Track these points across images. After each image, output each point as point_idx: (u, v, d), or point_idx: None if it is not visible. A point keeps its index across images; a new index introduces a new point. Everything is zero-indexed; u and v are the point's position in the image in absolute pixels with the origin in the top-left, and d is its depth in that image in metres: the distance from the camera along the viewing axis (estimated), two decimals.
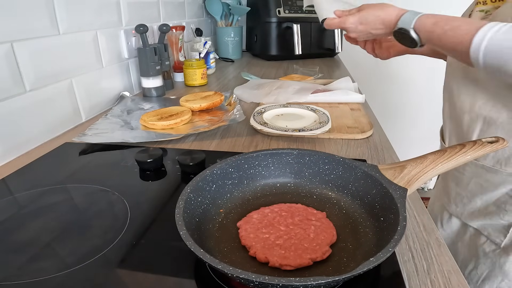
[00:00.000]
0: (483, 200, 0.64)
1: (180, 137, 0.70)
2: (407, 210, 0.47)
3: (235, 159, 0.47)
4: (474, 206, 0.66)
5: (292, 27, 1.38)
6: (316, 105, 0.86)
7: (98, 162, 0.61)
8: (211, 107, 0.85)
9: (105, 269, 0.37)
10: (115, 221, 0.44)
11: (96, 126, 0.74)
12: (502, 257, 0.62)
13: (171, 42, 1.17)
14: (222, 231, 0.41)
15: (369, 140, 0.70)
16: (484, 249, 0.65)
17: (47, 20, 0.68)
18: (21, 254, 0.39)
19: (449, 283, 0.35)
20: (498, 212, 0.62)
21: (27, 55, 0.63)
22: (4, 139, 0.61)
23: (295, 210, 0.43)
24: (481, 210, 0.65)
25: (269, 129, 0.70)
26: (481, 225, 0.65)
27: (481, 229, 0.65)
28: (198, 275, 0.35)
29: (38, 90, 0.67)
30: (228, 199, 0.46)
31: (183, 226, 0.34)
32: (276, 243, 0.38)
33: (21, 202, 0.49)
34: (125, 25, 0.97)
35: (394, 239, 0.32)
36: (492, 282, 0.64)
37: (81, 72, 0.79)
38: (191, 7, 1.47)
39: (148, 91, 1.00)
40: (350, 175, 0.46)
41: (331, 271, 0.35)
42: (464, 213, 0.68)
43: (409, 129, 2.06)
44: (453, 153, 0.43)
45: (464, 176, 0.66)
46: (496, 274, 0.64)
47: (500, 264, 0.63)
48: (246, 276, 0.28)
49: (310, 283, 0.28)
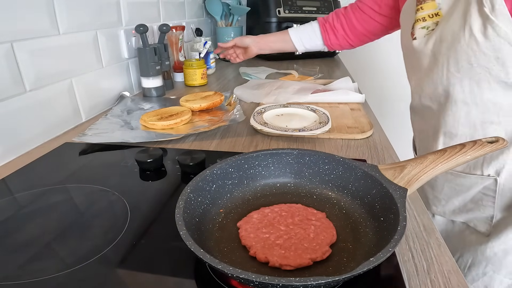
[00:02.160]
0: (459, 200, 0.67)
1: (180, 137, 0.70)
2: (407, 210, 0.47)
3: (235, 159, 0.47)
4: (453, 206, 0.69)
5: (292, 27, 1.38)
6: (316, 105, 0.86)
7: (98, 162, 0.61)
8: (211, 107, 0.85)
9: (105, 269, 0.37)
10: (115, 221, 0.44)
11: (96, 126, 0.74)
12: (483, 244, 0.66)
13: (171, 42, 1.17)
14: (222, 231, 0.41)
15: (369, 140, 0.70)
16: (471, 239, 0.69)
17: (47, 20, 0.68)
18: (21, 254, 0.39)
19: (449, 283, 0.35)
20: (477, 208, 0.65)
21: (27, 55, 0.63)
22: (4, 139, 0.61)
23: (295, 210, 0.43)
24: (461, 208, 0.68)
25: (269, 129, 0.70)
26: (467, 218, 0.69)
27: (467, 221, 0.69)
28: (198, 275, 0.35)
29: (38, 90, 0.67)
30: (228, 199, 0.45)
31: (183, 226, 0.34)
32: (276, 243, 0.38)
33: (21, 202, 0.49)
34: (125, 25, 0.97)
35: (394, 239, 0.32)
36: (478, 268, 0.67)
37: (81, 72, 0.79)
38: (191, 7, 1.47)
39: (148, 91, 1.00)
40: (350, 175, 0.46)
41: (331, 271, 0.35)
42: (446, 212, 0.71)
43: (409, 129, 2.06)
44: (453, 153, 0.43)
45: (437, 182, 0.70)
46: (480, 260, 0.66)
47: (482, 251, 0.66)
48: (246, 276, 0.28)
49: (310, 283, 0.28)
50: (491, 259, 0.65)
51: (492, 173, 0.62)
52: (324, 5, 1.55)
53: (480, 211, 0.65)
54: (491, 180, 0.62)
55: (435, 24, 0.60)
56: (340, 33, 0.90)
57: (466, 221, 0.69)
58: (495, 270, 0.66)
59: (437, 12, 0.59)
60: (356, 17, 0.86)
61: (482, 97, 0.57)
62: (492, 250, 0.65)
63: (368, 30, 0.86)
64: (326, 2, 1.56)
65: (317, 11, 1.53)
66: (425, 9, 0.61)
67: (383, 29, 0.85)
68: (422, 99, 0.68)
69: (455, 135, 0.63)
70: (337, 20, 0.90)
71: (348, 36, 0.90)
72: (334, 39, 0.92)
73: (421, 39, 0.62)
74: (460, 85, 0.59)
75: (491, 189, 0.63)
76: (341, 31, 0.90)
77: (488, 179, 0.62)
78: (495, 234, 0.65)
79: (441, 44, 0.59)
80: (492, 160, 0.61)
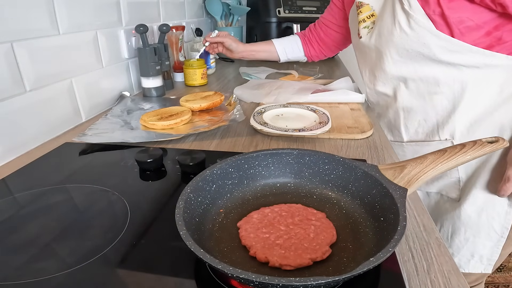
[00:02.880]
0: None
1: (180, 137, 0.70)
2: (407, 210, 0.47)
3: (235, 159, 0.47)
4: None
5: (292, 27, 1.38)
6: (316, 105, 0.86)
7: (98, 162, 0.61)
8: (211, 107, 0.85)
9: (105, 269, 0.37)
10: (115, 221, 0.44)
11: (96, 126, 0.74)
12: (457, 209, 0.73)
13: (171, 42, 1.17)
14: (222, 231, 0.41)
15: (369, 140, 0.70)
16: (446, 207, 0.76)
17: (47, 20, 0.68)
18: (21, 254, 0.39)
19: (449, 283, 0.35)
20: (445, 174, 0.73)
21: (27, 55, 0.63)
22: (4, 139, 0.61)
23: (295, 210, 0.43)
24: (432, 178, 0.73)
25: (269, 129, 0.70)
26: (438, 187, 0.77)
27: (440, 190, 0.77)
28: (198, 275, 0.35)
29: (38, 90, 0.67)
30: (228, 199, 0.45)
31: (183, 226, 0.34)
32: (276, 243, 0.38)
33: (21, 202, 0.49)
34: (125, 25, 0.97)
35: (394, 239, 0.32)
36: (459, 234, 0.74)
37: (81, 72, 0.79)
38: (191, 7, 1.47)
39: (148, 91, 1.00)
40: (350, 175, 0.46)
41: (331, 271, 0.35)
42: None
43: None
44: (453, 153, 0.43)
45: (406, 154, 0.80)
46: (459, 226, 0.73)
47: (458, 216, 0.73)
48: (246, 276, 0.28)
49: (310, 283, 0.28)
50: (467, 223, 0.71)
51: (448, 137, 0.71)
52: (324, 5, 1.55)
53: (448, 176, 0.74)
54: (449, 143, 0.71)
55: (372, 23, 0.74)
56: (316, 46, 1.07)
57: (439, 190, 0.77)
58: (475, 234, 0.72)
59: (372, 13, 0.74)
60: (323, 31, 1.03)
61: (424, 73, 0.69)
62: (466, 213, 0.71)
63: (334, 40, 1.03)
64: (326, 2, 1.56)
65: (317, 11, 1.53)
66: (363, 12, 0.75)
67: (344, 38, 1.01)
68: (376, 87, 0.80)
69: (411, 109, 0.75)
70: (312, 35, 1.06)
71: (322, 47, 1.07)
72: (313, 51, 1.08)
73: (365, 36, 0.76)
74: (405, 66, 0.70)
75: None
76: (316, 44, 1.07)
77: (446, 142, 0.72)
78: (464, 197, 0.71)
79: (381, 38, 0.71)
80: (444, 124, 0.71)
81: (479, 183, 0.69)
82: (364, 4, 0.74)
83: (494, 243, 0.71)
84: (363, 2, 0.74)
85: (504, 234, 0.70)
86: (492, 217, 0.69)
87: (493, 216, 0.69)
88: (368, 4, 0.73)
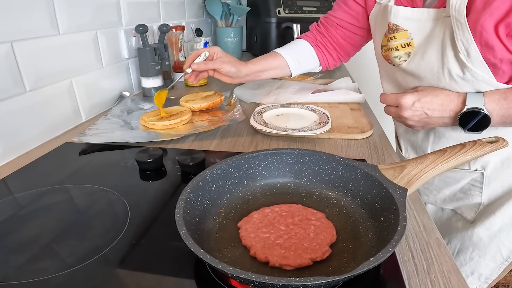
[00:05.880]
0: (450, 190, 0.73)
1: (180, 137, 0.70)
2: (407, 210, 0.47)
3: (235, 159, 0.47)
4: (444, 195, 0.74)
5: (292, 27, 1.38)
6: (316, 105, 0.86)
7: (98, 162, 0.61)
8: (211, 107, 0.85)
9: (105, 269, 0.37)
10: (115, 221, 0.44)
11: (96, 126, 0.74)
12: (469, 230, 0.70)
13: (171, 42, 1.16)
14: (222, 231, 0.41)
15: (369, 140, 0.70)
16: (457, 225, 0.74)
17: (47, 20, 0.68)
18: (21, 254, 0.39)
19: (449, 283, 0.35)
20: (466, 197, 0.70)
21: (27, 55, 0.63)
22: (4, 139, 0.61)
23: (295, 210, 0.43)
24: (451, 197, 0.73)
25: (269, 129, 0.70)
26: (456, 206, 0.74)
27: (456, 209, 0.74)
28: (198, 275, 0.35)
29: (38, 90, 0.67)
30: (228, 199, 0.45)
31: (183, 226, 0.34)
32: (276, 243, 0.38)
33: (21, 202, 0.49)
34: (125, 25, 0.97)
35: (394, 239, 0.32)
36: (465, 253, 0.72)
37: (81, 72, 0.79)
38: (191, 7, 1.47)
39: (148, 91, 1.00)
40: (350, 175, 0.46)
41: (331, 271, 0.35)
42: (437, 201, 0.77)
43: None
44: (453, 153, 0.43)
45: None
46: (467, 246, 0.71)
47: (469, 236, 0.71)
48: (246, 276, 0.28)
49: (310, 283, 0.28)
50: (477, 244, 0.70)
51: (479, 168, 0.67)
52: (324, 5, 1.55)
53: (468, 200, 0.71)
54: (478, 173, 0.67)
55: (407, 54, 0.62)
56: (334, 52, 0.90)
57: (455, 208, 0.75)
58: (481, 255, 0.70)
59: (409, 42, 0.61)
60: (340, 35, 0.86)
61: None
62: (478, 235, 0.69)
63: (353, 44, 0.88)
64: (326, 2, 1.56)
65: (317, 11, 1.53)
66: (398, 38, 0.62)
67: (364, 40, 0.87)
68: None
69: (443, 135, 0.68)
70: (326, 40, 0.89)
71: (339, 53, 0.90)
72: (331, 59, 0.91)
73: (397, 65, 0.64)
74: None
75: (478, 181, 0.67)
76: (334, 50, 0.89)
77: (475, 172, 0.67)
78: (480, 220, 0.69)
79: (420, 80, 0.62)
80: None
81: (499, 211, 0.66)
82: (400, 30, 0.61)
83: (497, 265, 0.70)
84: (400, 26, 0.61)
85: (510, 258, 0.69)
86: (503, 243, 0.68)
87: (504, 242, 0.68)
88: (406, 30, 0.60)
